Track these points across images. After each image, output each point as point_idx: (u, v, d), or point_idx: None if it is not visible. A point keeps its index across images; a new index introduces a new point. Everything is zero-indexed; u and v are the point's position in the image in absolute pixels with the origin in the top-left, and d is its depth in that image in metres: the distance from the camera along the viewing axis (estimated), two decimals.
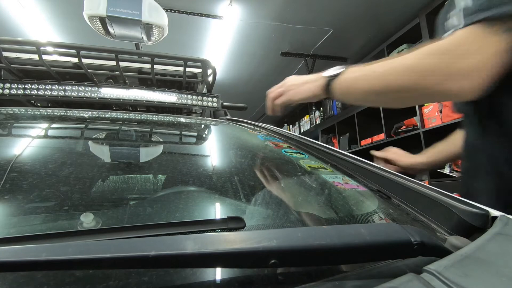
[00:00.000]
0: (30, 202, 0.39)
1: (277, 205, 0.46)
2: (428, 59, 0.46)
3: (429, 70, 0.46)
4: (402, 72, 0.48)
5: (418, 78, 0.47)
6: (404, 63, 0.48)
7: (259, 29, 2.80)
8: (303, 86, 0.64)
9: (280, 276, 0.26)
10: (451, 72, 0.44)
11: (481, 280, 0.22)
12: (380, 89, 0.51)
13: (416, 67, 0.47)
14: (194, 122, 1.00)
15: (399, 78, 0.48)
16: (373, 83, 0.52)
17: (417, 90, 0.48)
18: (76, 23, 2.56)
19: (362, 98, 0.57)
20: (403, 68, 0.48)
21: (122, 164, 0.56)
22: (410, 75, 0.47)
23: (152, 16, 1.08)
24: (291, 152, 0.67)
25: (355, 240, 0.24)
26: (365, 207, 0.46)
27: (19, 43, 0.99)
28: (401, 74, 0.48)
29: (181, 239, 0.23)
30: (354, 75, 0.55)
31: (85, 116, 0.85)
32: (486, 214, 0.34)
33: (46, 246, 0.21)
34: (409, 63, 0.48)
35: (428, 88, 0.46)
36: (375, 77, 0.51)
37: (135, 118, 0.92)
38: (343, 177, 0.55)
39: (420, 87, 0.47)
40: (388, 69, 0.50)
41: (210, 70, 1.12)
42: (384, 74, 0.50)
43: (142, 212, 0.42)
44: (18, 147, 0.56)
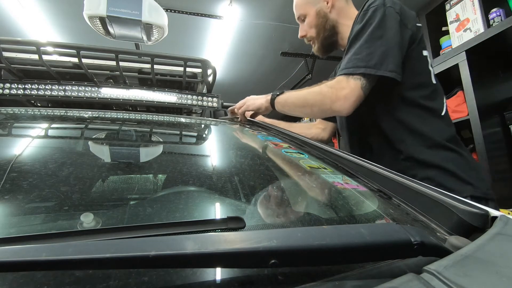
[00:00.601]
0: (30, 202, 0.39)
1: (277, 205, 0.46)
2: (324, 90, 0.84)
3: (326, 96, 0.83)
4: (312, 97, 0.86)
5: (320, 100, 0.84)
6: (313, 91, 0.86)
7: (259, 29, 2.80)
8: (257, 100, 1.00)
9: (280, 276, 0.25)
10: (335, 99, 0.81)
11: (481, 280, 0.22)
12: (300, 105, 0.89)
13: (318, 95, 0.84)
14: (194, 122, 1.00)
15: (311, 99, 0.86)
16: (296, 102, 0.90)
17: (318, 107, 0.85)
18: (76, 23, 2.56)
19: (291, 110, 0.92)
20: (313, 95, 0.86)
21: (122, 164, 0.56)
22: (316, 99, 0.85)
23: (152, 16, 1.08)
24: (291, 152, 0.67)
25: (355, 240, 0.24)
26: (365, 207, 0.46)
27: (19, 43, 0.99)
28: (312, 97, 0.86)
29: (181, 239, 0.23)
30: (287, 96, 0.92)
31: (85, 116, 0.85)
32: (486, 214, 0.34)
33: (46, 246, 0.21)
34: (317, 92, 0.85)
35: (325, 106, 0.83)
36: (297, 98, 0.90)
37: (135, 118, 0.92)
38: (343, 177, 0.55)
39: (320, 106, 0.84)
40: (306, 93, 0.88)
41: (210, 70, 1.12)
42: (304, 96, 0.88)
43: (142, 212, 0.42)
44: (18, 147, 0.56)
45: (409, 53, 0.81)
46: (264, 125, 0.99)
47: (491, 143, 1.93)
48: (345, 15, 0.97)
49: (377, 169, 0.52)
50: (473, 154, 2.08)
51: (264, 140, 0.81)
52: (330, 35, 1.00)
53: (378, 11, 0.81)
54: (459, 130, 2.36)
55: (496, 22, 1.88)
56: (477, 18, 1.99)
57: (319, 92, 0.84)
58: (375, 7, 0.81)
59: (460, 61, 2.04)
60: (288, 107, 0.90)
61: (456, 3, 2.14)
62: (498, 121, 2.02)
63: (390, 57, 0.77)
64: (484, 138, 1.90)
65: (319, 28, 1.00)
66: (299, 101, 0.88)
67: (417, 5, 2.47)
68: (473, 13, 2.01)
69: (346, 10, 0.98)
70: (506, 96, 2.07)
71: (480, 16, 1.97)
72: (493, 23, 1.90)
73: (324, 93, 0.82)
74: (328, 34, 0.99)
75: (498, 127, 2.02)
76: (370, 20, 0.81)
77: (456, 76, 2.11)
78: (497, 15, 1.88)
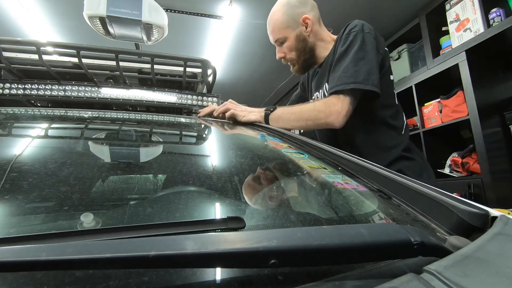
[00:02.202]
0: (30, 202, 0.39)
1: (277, 205, 0.46)
2: (318, 106, 0.93)
3: (321, 112, 0.91)
4: (307, 113, 0.94)
5: (315, 115, 0.92)
6: (307, 108, 0.96)
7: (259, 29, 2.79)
8: (250, 115, 0.99)
9: (280, 276, 0.25)
10: (329, 113, 0.90)
11: (481, 280, 0.22)
12: (295, 119, 0.96)
13: (313, 111, 0.94)
14: (194, 122, 1.00)
15: (305, 114, 0.94)
16: (291, 117, 0.96)
17: (313, 121, 0.93)
18: (76, 23, 2.56)
19: (285, 124, 0.96)
20: (307, 111, 0.95)
21: (122, 164, 0.56)
22: (310, 114, 0.93)
23: (152, 16, 1.08)
24: (291, 152, 0.67)
25: (355, 240, 0.24)
26: (365, 207, 0.46)
27: (19, 43, 0.99)
28: (306, 113, 0.94)
29: (181, 239, 0.23)
30: (281, 112, 0.97)
31: (85, 116, 0.85)
32: (486, 214, 0.34)
33: (46, 246, 0.21)
34: (311, 108, 0.95)
35: (319, 120, 0.92)
36: (292, 113, 0.97)
37: (135, 118, 0.92)
38: (343, 177, 0.55)
39: (315, 120, 0.93)
40: (299, 110, 0.96)
41: (210, 70, 1.12)
42: (299, 112, 0.96)
43: (142, 212, 0.42)
44: (18, 147, 0.56)
45: (381, 76, 0.93)
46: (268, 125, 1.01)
47: (491, 143, 1.93)
48: (320, 37, 1.08)
49: (377, 169, 0.52)
50: (473, 154, 2.09)
51: (264, 140, 0.81)
52: (309, 57, 1.09)
53: (358, 35, 0.92)
54: (459, 130, 2.37)
55: (496, 22, 1.88)
56: (477, 18, 1.99)
57: (313, 108, 0.94)
58: (355, 32, 0.93)
59: (460, 61, 2.04)
60: (282, 121, 0.96)
61: (456, 3, 2.14)
62: (498, 121, 2.02)
63: (373, 74, 0.89)
64: (484, 138, 1.90)
65: (300, 52, 1.07)
66: (294, 116, 0.96)
67: (417, 5, 2.47)
68: (473, 13, 2.01)
69: (320, 32, 1.08)
70: (506, 96, 2.07)
71: (480, 16, 1.97)
72: (493, 23, 1.90)
73: (318, 109, 0.92)
74: (308, 56, 1.08)
75: (498, 127, 2.02)
76: (353, 43, 0.92)
77: (456, 76, 2.12)
78: (497, 15, 1.88)
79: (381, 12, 2.63)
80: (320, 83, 1.10)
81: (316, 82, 1.15)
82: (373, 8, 2.56)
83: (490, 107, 2.00)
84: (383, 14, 2.65)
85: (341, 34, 0.98)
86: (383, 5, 2.52)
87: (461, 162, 2.12)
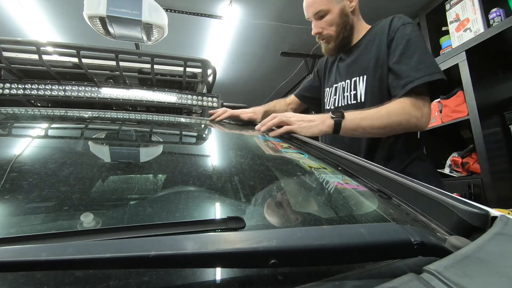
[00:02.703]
0: (30, 202, 0.39)
1: (277, 205, 0.46)
2: (408, 109, 0.81)
3: (412, 116, 0.81)
4: (396, 117, 0.81)
5: (406, 120, 0.81)
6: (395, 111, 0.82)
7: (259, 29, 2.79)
8: (311, 124, 0.80)
9: (280, 276, 0.25)
10: (420, 116, 0.82)
11: (481, 280, 0.22)
12: (380, 126, 0.82)
13: (403, 114, 0.81)
14: (194, 122, 1.00)
15: (394, 120, 0.81)
16: (375, 124, 0.82)
17: (403, 127, 0.83)
18: (76, 23, 2.56)
19: (365, 133, 0.83)
20: (396, 115, 0.81)
21: (122, 164, 0.56)
22: (400, 119, 0.81)
23: (152, 16, 1.08)
24: (291, 152, 0.67)
25: (355, 240, 0.24)
26: (365, 207, 0.46)
27: (19, 43, 0.99)
28: (395, 118, 0.81)
29: (181, 239, 0.23)
30: (359, 118, 0.82)
31: (85, 116, 0.85)
32: (486, 214, 0.34)
33: (46, 246, 0.21)
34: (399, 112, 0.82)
35: (410, 125, 0.82)
36: (376, 119, 0.82)
37: (135, 118, 0.92)
38: (343, 177, 0.55)
39: (405, 125, 0.82)
40: (386, 114, 0.81)
41: (210, 70, 1.12)
42: (386, 117, 0.81)
43: (142, 212, 0.42)
44: (18, 147, 0.56)
45: None
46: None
47: (491, 143, 1.93)
48: (358, 19, 1.01)
49: (377, 169, 0.52)
50: (473, 154, 2.08)
51: (264, 140, 0.81)
52: (348, 35, 0.99)
53: (414, 27, 0.88)
54: (459, 130, 2.37)
55: (496, 22, 1.88)
56: (477, 18, 1.98)
57: (402, 112, 0.81)
58: (411, 24, 0.89)
59: (460, 61, 2.04)
60: (362, 130, 0.82)
61: (456, 3, 2.14)
62: (498, 121, 2.02)
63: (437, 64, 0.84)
64: (484, 138, 1.90)
65: (340, 28, 0.98)
66: (378, 123, 0.81)
67: (417, 5, 2.47)
68: (473, 13, 2.01)
69: (359, 14, 1.02)
70: (506, 96, 2.07)
71: (480, 16, 1.97)
72: (493, 23, 1.90)
73: (408, 112, 0.81)
74: (347, 34, 0.99)
75: (498, 127, 2.02)
76: (413, 33, 0.86)
77: (456, 76, 2.11)
78: (497, 15, 1.88)
79: (381, 12, 2.63)
80: (351, 72, 0.99)
81: (343, 70, 1.02)
82: (373, 8, 2.56)
83: (490, 107, 2.00)
84: (383, 14, 2.65)
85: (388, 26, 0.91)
86: (383, 5, 2.52)
87: (461, 162, 2.11)
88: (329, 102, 1.10)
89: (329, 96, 1.10)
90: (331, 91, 1.09)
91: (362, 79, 0.95)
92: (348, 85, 0.99)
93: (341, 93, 1.03)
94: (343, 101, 1.02)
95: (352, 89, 0.98)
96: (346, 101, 1.01)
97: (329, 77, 1.12)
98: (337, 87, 1.04)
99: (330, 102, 1.09)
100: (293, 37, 3.05)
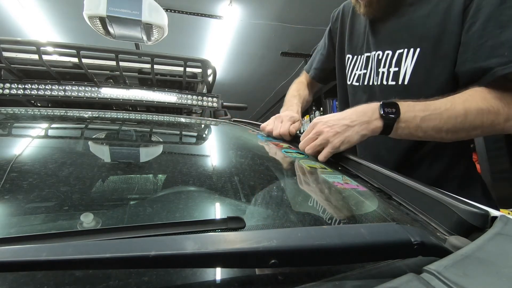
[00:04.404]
0: (30, 202, 0.39)
1: (277, 205, 0.46)
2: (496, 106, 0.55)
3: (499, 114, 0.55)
4: (476, 117, 0.56)
5: (492, 120, 0.56)
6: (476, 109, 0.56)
7: (259, 29, 2.80)
8: (349, 131, 0.58)
9: (280, 276, 0.26)
10: (509, 116, 0.56)
11: (481, 280, 0.22)
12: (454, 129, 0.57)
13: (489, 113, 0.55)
14: (194, 122, 1.00)
15: (475, 120, 0.56)
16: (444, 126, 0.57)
17: (484, 129, 0.57)
18: (76, 23, 2.56)
19: (428, 135, 0.59)
20: (478, 114, 0.56)
21: (122, 164, 0.56)
22: (482, 119, 0.56)
23: (152, 16, 1.08)
24: (291, 152, 0.67)
25: (355, 240, 0.24)
26: (365, 207, 0.46)
27: (19, 43, 0.99)
28: (476, 117, 0.56)
29: (181, 239, 0.23)
30: (421, 114, 0.57)
31: (85, 116, 0.85)
32: (486, 214, 0.34)
33: (46, 246, 0.21)
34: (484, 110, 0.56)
35: (495, 126, 0.56)
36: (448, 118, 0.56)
37: (135, 118, 0.92)
38: (343, 177, 0.55)
39: (490, 127, 0.57)
40: (463, 112, 0.56)
41: (210, 70, 1.12)
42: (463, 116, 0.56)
43: (142, 212, 0.42)
44: (18, 147, 0.56)
45: None
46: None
47: (491, 143, 1.93)
48: None
49: (377, 169, 0.52)
50: (473, 153, 2.09)
51: (264, 140, 0.81)
52: None
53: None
54: None
55: None
56: None
57: (486, 108, 0.56)
58: None
59: None
60: (423, 133, 0.58)
61: None
62: None
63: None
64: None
65: None
66: (449, 124, 0.56)
67: None
68: None
69: None
70: None
71: None
72: None
73: (497, 111, 0.56)
74: None
75: None
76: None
77: None
78: None
79: None
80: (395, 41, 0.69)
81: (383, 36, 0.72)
82: None
83: None
84: None
85: None
86: None
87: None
88: (352, 76, 0.81)
89: (352, 67, 0.81)
90: (358, 61, 0.80)
91: (412, 52, 0.66)
92: (388, 57, 0.70)
93: (375, 68, 0.74)
94: (376, 79, 0.74)
95: (393, 65, 0.69)
96: (380, 79, 0.72)
97: (354, 39, 0.81)
98: (370, 57, 0.75)
99: (355, 77, 0.81)
100: (293, 37, 3.05)
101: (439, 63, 0.64)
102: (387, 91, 0.71)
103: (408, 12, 0.68)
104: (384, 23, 0.72)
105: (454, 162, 0.71)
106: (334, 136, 0.58)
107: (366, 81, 0.77)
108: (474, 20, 0.58)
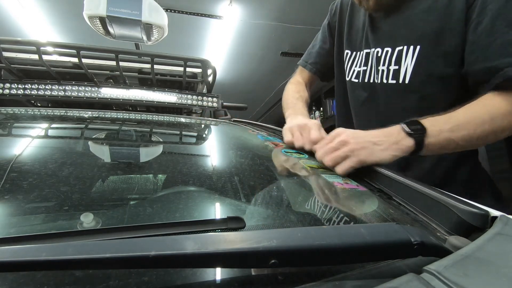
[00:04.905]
0: (30, 202, 0.39)
1: (277, 205, 0.46)
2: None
3: None
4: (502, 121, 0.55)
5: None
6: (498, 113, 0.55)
7: (259, 29, 2.80)
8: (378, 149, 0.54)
9: (280, 276, 0.26)
10: None
11: (481, 280, 0.22)
12: (481, 136, 0.56)
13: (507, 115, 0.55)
14: (194, 122, 1.00)
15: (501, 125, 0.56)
16: (473, 135, 0.55)
17: (507, 132, 0.57)
18: (76, 23, 2.56)
19: (456, 147, 0.57)
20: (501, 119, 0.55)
21: (122, 164, 0.56)
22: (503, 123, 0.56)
23: (152, 16, 1.08)
24: (291, 152, 0.67)
25: (355, 240, 0.24)
26: (365, 207, 0.46)
27: (19, 43, 0.99)
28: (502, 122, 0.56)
29: (181, 239, 0.23)
30: (447, 127, 0.55)
31: (85, 116, 0.85)
32: (486, 214, 0.34)
33: (46, 246, 0.21)
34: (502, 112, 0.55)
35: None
36: (474, 128, 0.55)
37: (135, 118, 0.92)
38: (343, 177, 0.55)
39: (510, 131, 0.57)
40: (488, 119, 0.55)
41: (210, 70, 1.12)
42: (488, 123, 0.55)
43: (142, 212, 0.42)
44: (18, 147, 0.56)
45: None
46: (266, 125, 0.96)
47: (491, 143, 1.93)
48: None
49: (376, 169, 0.52)
50: None
51: (264, 140, 0.81)
52: None
53: None
54: None
55: None
56: None
57: (505, 111, 0.55)
58: None
59: None
60: (455, 145, 0.56)
61: None
62: None
63: None
64: None
65: None
66: (478, 132, 0.55)
67: None
68: None
69: None
70: None
71: None
72: None
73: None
74: None
75: None
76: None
77: None
78: None
79: None
80: (394, 37, 0.68)
81: (382, 32, 0.71)
82: None
83: None
84: None
85: None
86: None
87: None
88: (351, 72, 0.80)
89: (351, 63, 0.80)
90: (357, 57, 0.78)
91: (412, 50, 0.65)
92: (388, 55, 0.68)
93: (375, 65, 0.72)
94: (376, 77, 0.72)
95: (393, 63, 0.68)
96: (380, 78, 0.71)
97: (353, 34, 0.79)
98: (370, 54, 0.73)
99: (354, 73, 0.79)
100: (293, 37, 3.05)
101: (441, 61, 0.63)
102: (389, 90, 0.70)
103: (408, 8, 0.67)
104: (384, 19, 0.71)
105: (461, 162, 0.70)
106: (360, 150, 0.53)
107: (366, 78, 0.76)
108: (481, 18, 0.57)
